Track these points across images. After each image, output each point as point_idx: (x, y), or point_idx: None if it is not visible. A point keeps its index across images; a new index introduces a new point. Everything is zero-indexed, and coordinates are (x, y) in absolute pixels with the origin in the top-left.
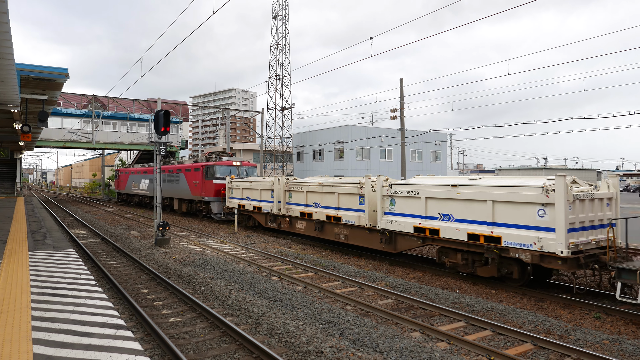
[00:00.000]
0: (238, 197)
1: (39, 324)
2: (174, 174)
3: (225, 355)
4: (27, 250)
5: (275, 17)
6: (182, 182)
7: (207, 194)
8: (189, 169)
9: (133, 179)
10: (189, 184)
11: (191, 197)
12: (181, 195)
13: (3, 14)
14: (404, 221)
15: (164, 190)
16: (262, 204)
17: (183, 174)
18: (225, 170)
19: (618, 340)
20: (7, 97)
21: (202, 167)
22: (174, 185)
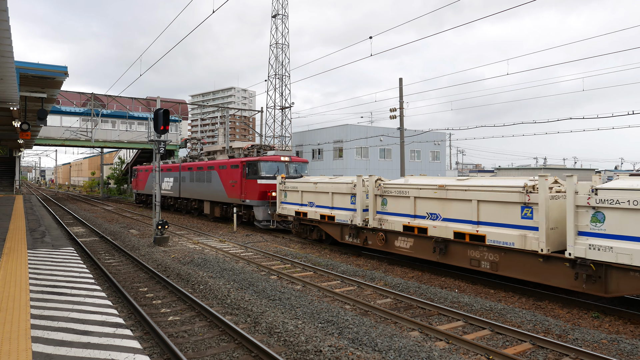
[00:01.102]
0: (295, 202)
1: (38, 322)
2: (203, 172)
3: (224, 354)
4: (26, 249)
5: (275, 15)
6: (214, 181)
7: (249, 196)
8: (223, 166)
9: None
10: (224, 183)
11: (227, 199)
12: (214, 197)
13: (3, 12)
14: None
15: (192, 191)
16: (336, 212)
17: (216, 172)
18: (271, 168)
19: (616, 339)
20: (7, 95)
21: (241, 163)
22: (205, 186)
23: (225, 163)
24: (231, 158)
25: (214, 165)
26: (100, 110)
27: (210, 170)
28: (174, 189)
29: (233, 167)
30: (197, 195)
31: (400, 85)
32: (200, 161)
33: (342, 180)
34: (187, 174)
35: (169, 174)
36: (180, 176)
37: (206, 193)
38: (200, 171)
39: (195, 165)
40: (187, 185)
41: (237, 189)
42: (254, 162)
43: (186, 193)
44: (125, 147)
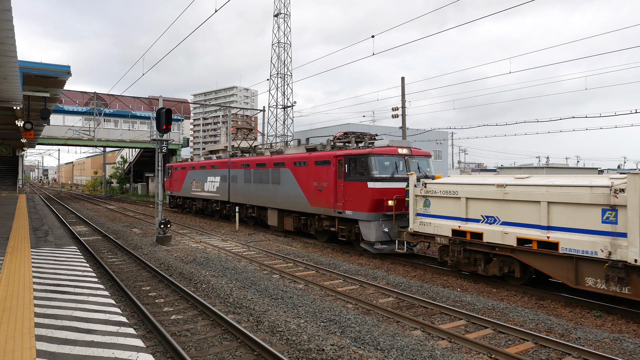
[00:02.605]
0: (449, 214)
1: (41, 321)
2: (266, 169)
3: (226, 352)
4: (29, 247)
5: (277, 15)
6: (286, 183)
7: (353, 205)
8: (301, 162)
9: (194, 177)
10: (304, 186)
11: (308, 208)
12: (284, 204)
13: (6, 12)
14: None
15: (247, 195)
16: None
17: (288, 171)
18: (386, 164)
19: (619, 338)
20: (10, 95)
21: (335, 158)
22: (269, 189)
23: (303, 158)
24: (311, 151)
25: (284, 160)
26: (103, 109)
27: (278, 167)
28: (221, 190)
29: (320, 164)
30: (256, 200)
31: (402, 84)
32: (258, 155)
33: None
34: (240, 172)
35: (213, 172)
36: (230, 175)
37: (271, 198)
38: (261, 169)
39: (253, 161)
40: (240, 186)
41: (327, 195)
42: (361, 157)
43: (239, 197)
44: (127, 147)
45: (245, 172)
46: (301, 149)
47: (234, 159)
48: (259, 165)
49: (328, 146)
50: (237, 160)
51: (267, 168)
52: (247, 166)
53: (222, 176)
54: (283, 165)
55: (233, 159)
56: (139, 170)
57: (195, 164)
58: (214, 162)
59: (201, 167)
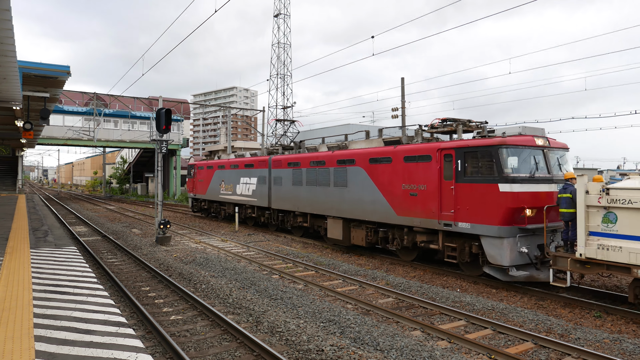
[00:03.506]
0: None
1: (40, 322)
2: (326, 169)
3: (226, 353)
4: (28, 248)
5: (277, 15)
6: (358, 184)
7: (471, 216)
8: (382, 158)
9: (222, 177)
10: (385, 189)
11: (393, 218)
12: (355, 211)
13: (5, 11)
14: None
15: (295, 200)
16: None
17: (361, 170)
18: (523, 160)
19: (618, 339)
20: (9, 95)
21: (439, 152)
22: (331, 192)
23: (385, 153)
24: (394, 144)
25: (353, 157)
26: (103, 109)
27: (344, 166)
28: (258, 194)
29: (413, 160)
30: (310, 206)
31: (402, 84)
32: (311, 152)
33: None
34: (286, 172)
35: (247, 172)
36: (271, 176)
37: (334, 204)
38: (317, 168)
39: (305, 159)
40: (286, 190)
41: (426, 201)
42: (486, 149)
43: (283, 202)
44: (127, 147)
45: (294, 172)
46: (375, 143)
47: (277, 157)
48: (315, 164)
49: (418, 137)
50: (282, 158)
51: (327, 167)
52: (297, 165)
53: (259, 177)
54: (352, 163)
55: (275, 156)
56: (139, 171)
57: (224, 162)
58: (249, 161)
59: (232, 166)
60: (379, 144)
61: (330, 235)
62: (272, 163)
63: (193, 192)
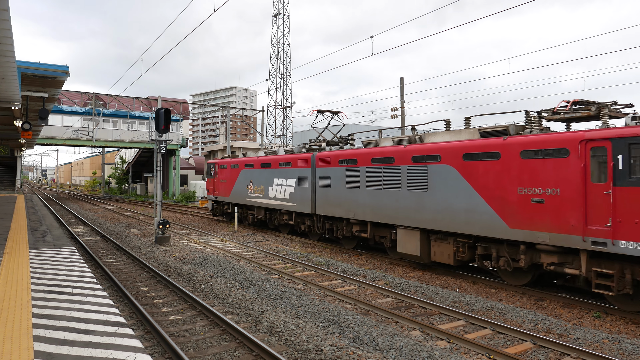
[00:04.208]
0: None
1: (39, 322)
2: (396, 166)
3: (225, 353)
4: (27, 248)
5: (276, 15)
6: (446, 187)
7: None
8: (484, 154)
9: (251, 178)
10: (489, 194)
11: (502, 231)
12: (441, 221)
13: (4, 12)
14: None
15: (349, 205)
16: None
17: (451, 168)
18: None
19: (617, 339)
20: (8, 95)
21: (584, 144)
22: (404, 197)
23: (489, 147)
24: (500, 135)
25: (438, 152)
26: (102, 109)
27: (423, 164)
28: (297, 198)
29: (537, 156)
30: (372, 213)
31: (401, 84)
32: (369, 147)
33: None
34: (337, 172)
35: (283, 172)
36: (316, 177)
37: (408, 212)
38: (384, 166)
39: (366, 155)
40: (336, 192)
41: (560, 210)
42: None
43: (332, 208)
44: (126, 147)
45: (348, 171)
46: (466, 134)
47: (324, 154)
48: (379, 161)
49: (534, 127)
50: (331, 155)
51: (397, 165)
52: (352, 163)
53: (299, 178)
54: (435, 161)
55: (322, 153)
56: (138, 171)
57: (253, 160)
58: (285, 159)
59: (263, 165)
60: (471, 136)
61: (401, 250)
62: (317, 161)
63: (214, 193)
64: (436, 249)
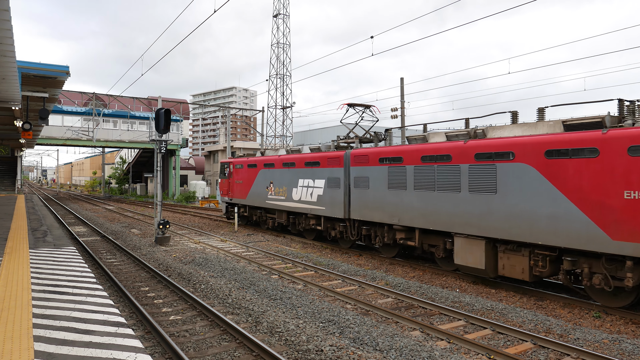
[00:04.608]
0: None
1: (39, 322)
2: (452, 166)
3: (225, 353)
4: (27, 248)
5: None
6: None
7: None
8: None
9: (271, 178)
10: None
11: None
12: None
13: (5, 12)
14: None
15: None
16: None
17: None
18: None
19: (618, 339)
20: (8, 95)
21: None
22: (464, 200)
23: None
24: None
25: (511, 149)
26: (102, 109)
27: (491, 162)
28: (326, 201)
29: None
30: (421, 218)
31: (401, 84)
32: (415, 143)
33: None
34: (377, 172)
35: (309, 172)
36: (350, 178)
37: (470, 217)
38: (438, 165)
39: (413, 153)
40: (376, 194)
41: None
42: None
43: (371, 212)
44: (126, 147)
45: (391, 171)
46: (544, 127)
47: (360, 151)
48: (431, 160)
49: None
50: (369, 152)
51: (455, 164)
52: (396, 161)
53: (329, 179)
54: (508, 159)
55: (357, 150)
56: (138, 171)
57: (273, 159)
58: (312, 157)
59: (286, 165)
60: (551, 129)
61: (459, 261)
62: (352, 159)
63: (228, 195)
64: (505, 262)
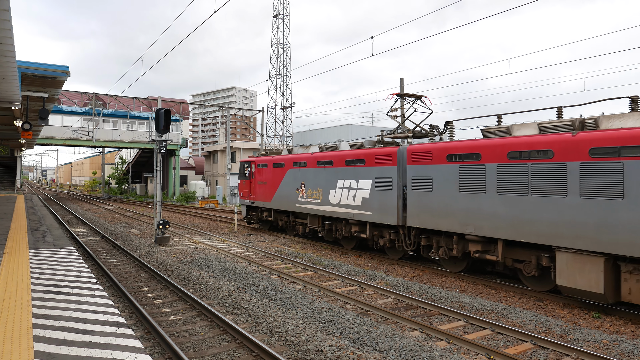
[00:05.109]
0: None
1: (39, 322)
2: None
3: (225, 353)
4: (27, 248)
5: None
6: None
7: None
8: None
9: (302, 179)
10: None
11: None
12: None
13: (5, 12)
14: None
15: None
16: None
17: None
18: None
19: (617, 339)
20: (8, 95)
21: None
22: (570, 206)
23: None
24: None
25: None
26: (102, 109)
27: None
28: (374, 204)
29: None
30: (510, 228)
31: (401, 85)
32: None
33: None
34: (441, 170)
35: (350, 172)
36: (407, 177)
37: (583, 229)
38: (532, 163)
39: (495, 148)
40: (442, 198)
41: None
42: None
43: (436, 218)
44: (126, 147)
45: (464, 169)
46: None
47: (420, 147)
48: (524, 157)
49: None
50: (433, 148)
51: (561, 161)
52: (473, 158)
53: (379, 179)
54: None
55: (416, 146)
56: (138, 171)
57: (304, 157)
58: (354, 155)
59: (321, 164)
60: None
61: (564, 282)
62: (410, 156)
63: (249, 198)
64: (633, 286)
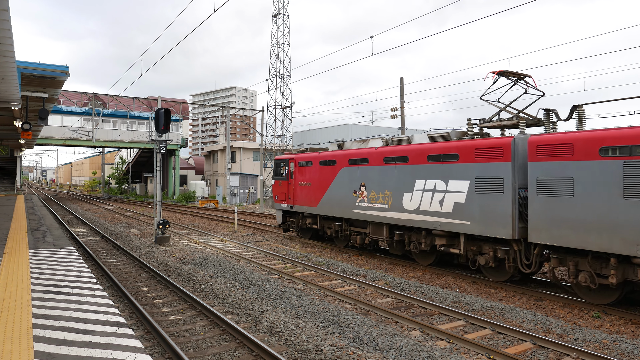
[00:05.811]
0: None
1: (39, 322)
2: None
3: (225, 353)
4: (27, 248)
5: (276, 15)
6: None
7: None
8: None
9: (362, 179)
10: None
11: None
12: None
13: (4, 12)
14: None
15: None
16: None
17: None
18: None
19: (617, 339)
20: (8, 95)
21: None
22: None
23: None
24: None
25: None
26: (101, 109)
27: None
28: (471, 212)
29: None
30: None
31: (401, 84)
32: None
33: None
34: (588, 168)
35: (433, 170)
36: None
37: None
38: None
39: None
40: (591, 207)
41: None
42: None
43: (582, 234)
44: (126, 147)
45: (628, 167)
46: None
47: (550, 137)
48: None
49: None
50: (571, 138)
51: None
52: None
53: (479, 179)
54: None
55: (543, 136)
56: (138, 171)
57: (365, 153)
58: (441, 148)
59: (389, 160)
60: None
61: None
62: (533, 150)
63: (287, 201)
64: None
